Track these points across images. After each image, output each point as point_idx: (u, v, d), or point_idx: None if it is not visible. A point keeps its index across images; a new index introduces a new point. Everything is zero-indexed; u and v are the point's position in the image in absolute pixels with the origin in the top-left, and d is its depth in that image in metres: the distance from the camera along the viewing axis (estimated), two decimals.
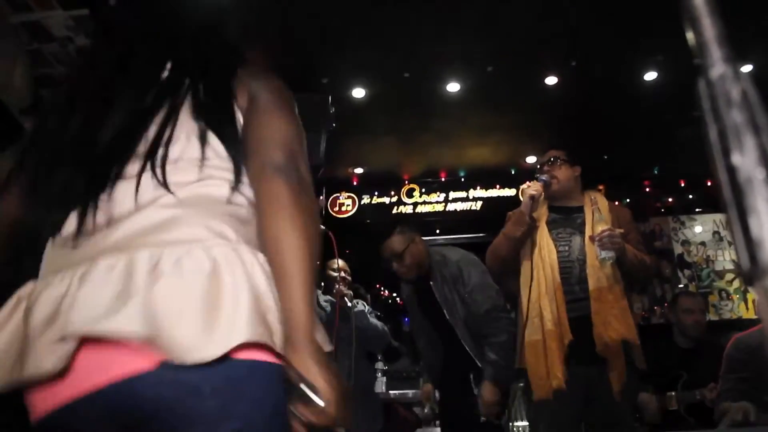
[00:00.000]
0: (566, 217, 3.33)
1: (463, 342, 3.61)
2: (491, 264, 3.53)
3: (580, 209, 3.33)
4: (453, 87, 5.51)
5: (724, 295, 6.87)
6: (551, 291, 3.13)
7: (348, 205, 7.37)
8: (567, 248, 3.23)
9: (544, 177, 3.33)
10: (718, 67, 0.53)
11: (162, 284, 0.95)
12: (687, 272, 7.08)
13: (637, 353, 3.07)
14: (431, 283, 3.72)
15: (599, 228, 3.04)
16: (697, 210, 7.35)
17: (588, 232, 3.18)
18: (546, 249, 3.22)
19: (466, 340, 3.61)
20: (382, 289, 8.66)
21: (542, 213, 3.36)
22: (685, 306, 4.12)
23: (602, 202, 3.29)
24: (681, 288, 6.87)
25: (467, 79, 5.40)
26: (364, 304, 4.28)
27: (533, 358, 3.09)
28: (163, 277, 0.96)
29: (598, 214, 3.14)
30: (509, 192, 7.32)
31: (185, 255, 0.99)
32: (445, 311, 3.65)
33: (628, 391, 3.07)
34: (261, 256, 1.07)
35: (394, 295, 8.43)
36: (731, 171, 0.49)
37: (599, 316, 3.02)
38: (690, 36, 0.57)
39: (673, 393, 3.85)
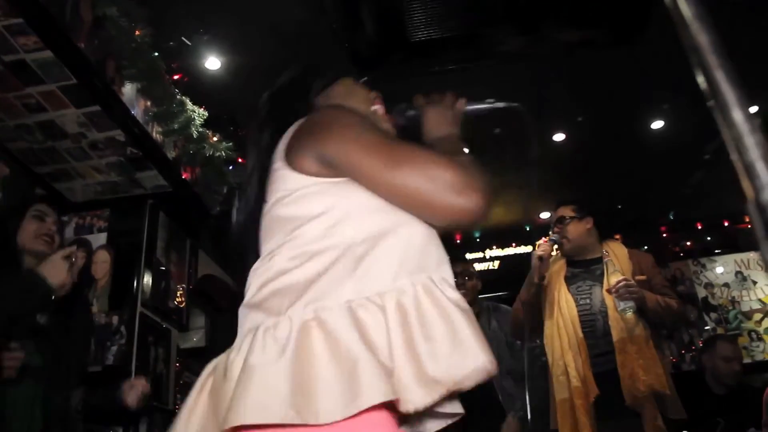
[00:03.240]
0: (585, 270, 3.30)
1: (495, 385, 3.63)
2: (514, 331, 3.53)
3: (599, 260, 3.28)
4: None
5: (754, 336, 6.74)
6: (575, 347, 3.08)
7: None
8: (588, 301, 3.18)
9: (554, 237, 3.33)
10: None
11: None
12: (713, 315, 6.97)
13: (671, 403, 2.97)
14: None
15: (614, 279, 3.01)
16: (716, 251, 7.29)
17: (606, 285, 3.14)
18: (565, 305, 3.19)
19: (502, 384, 3.63)
20: None
21: (560, 269, 3.34)
22: (724, 353, 3.98)
23: (620, 251, 3.27)
24: (708, 331, 6.75)
25: (475, 141, 5.47)
26: None
27: (562, 417, 3.03)
28: None
29: (612, 266, 3.12)
30: (526, 249, 7.32)
31: None
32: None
33: None
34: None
35: None
36: None
37: (625, 369, 2.94)
38: (701, 81, 0.59)
39: None
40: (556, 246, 3.35)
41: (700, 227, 7.42)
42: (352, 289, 1.03)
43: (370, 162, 1.09)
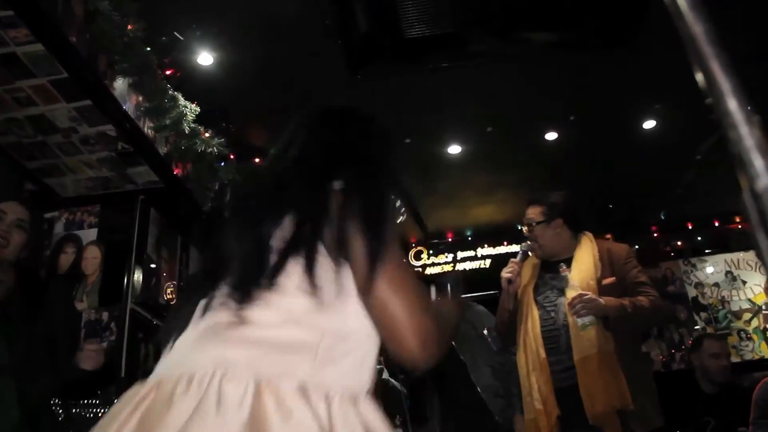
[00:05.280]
0: (554, 276, 3.14)
1: (478, 381, 3.61)
2: (499, 337, 3.53)
3: (569, 261, 3.12)
4: (454, 149, 5.59)
5: (743, 335, 6.78)
6: (538, 367, 2.99)
7: None
8: (553, 314, 3.06)
9: (524, 248, 3.27)
10: (763, 178, 0.52)
11: None
12: (703, 315, 7.00)
13: (636, 418, 2.80)
14: None
15: (570, 295, 2.90)
16: (707, 251, 7.32)
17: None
18: (530, 322, 3.09)
19: (482, 377, 3.62)
20: None
21: (530, 280, 3.23)
22: (711, 351, 4.01)
23: (587, 252, 3.12)
24: (698, 330, 6.78)
25: (468, 140, 5.49)
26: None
27: None
28: None
29: (568, 280, 2.99)
30: (517, 248, 7.31)
31: None
32: (459, 352, 3.70)
33: None
34: None
35: None
36: None
37: (585, 388, 2.82)
38: (700, 79, 0.58)
39: None
40: (530, 253, 3.28)
41: (690, 227, 7.44)
42: (308, 372, 1.06)
43: (383, 273, 1.14)
